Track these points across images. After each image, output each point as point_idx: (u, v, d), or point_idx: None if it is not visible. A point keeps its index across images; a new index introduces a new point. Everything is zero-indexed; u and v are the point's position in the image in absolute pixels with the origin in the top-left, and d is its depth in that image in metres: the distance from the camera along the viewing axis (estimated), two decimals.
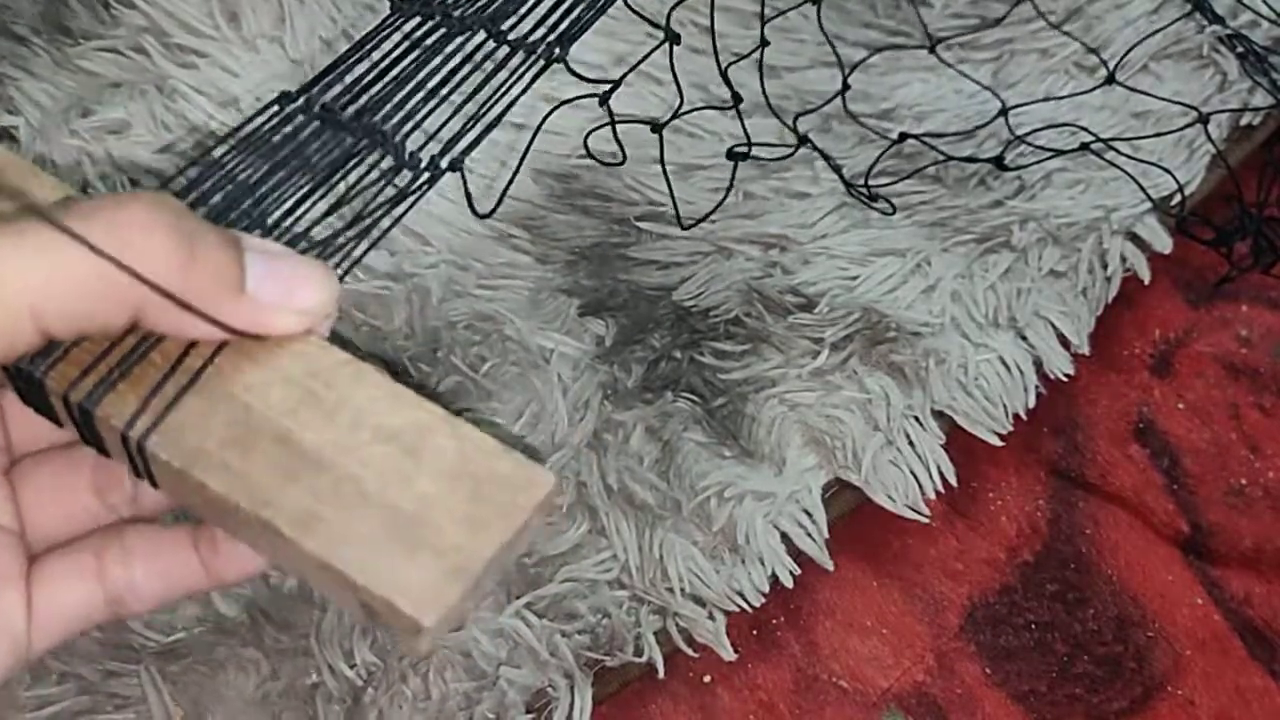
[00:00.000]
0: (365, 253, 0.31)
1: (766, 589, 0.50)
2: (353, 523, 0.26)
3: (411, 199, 0.33)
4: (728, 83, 0.57)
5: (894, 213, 0.58)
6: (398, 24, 0.38)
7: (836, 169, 0.59)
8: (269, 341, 0.28)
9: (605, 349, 0.54)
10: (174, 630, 0.47)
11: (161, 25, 0.59)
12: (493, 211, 0.38)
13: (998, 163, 0.59)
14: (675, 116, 0.56)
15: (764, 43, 0.58)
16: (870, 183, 0.59)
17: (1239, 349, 0.61)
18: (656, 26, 0.51)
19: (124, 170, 0.57)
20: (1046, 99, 0.62)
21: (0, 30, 0.61)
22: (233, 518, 0.27)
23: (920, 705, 0.51)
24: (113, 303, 0.26)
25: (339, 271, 0.30)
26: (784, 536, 0.51)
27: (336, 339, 0.30)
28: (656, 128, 0.56)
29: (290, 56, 0.60)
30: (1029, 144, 0.60)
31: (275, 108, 0.35)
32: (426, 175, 0.34)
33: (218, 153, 0.32)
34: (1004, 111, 0.61)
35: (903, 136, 0.60)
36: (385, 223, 0.32)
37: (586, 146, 0.58)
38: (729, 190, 0.58)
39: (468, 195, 0.35)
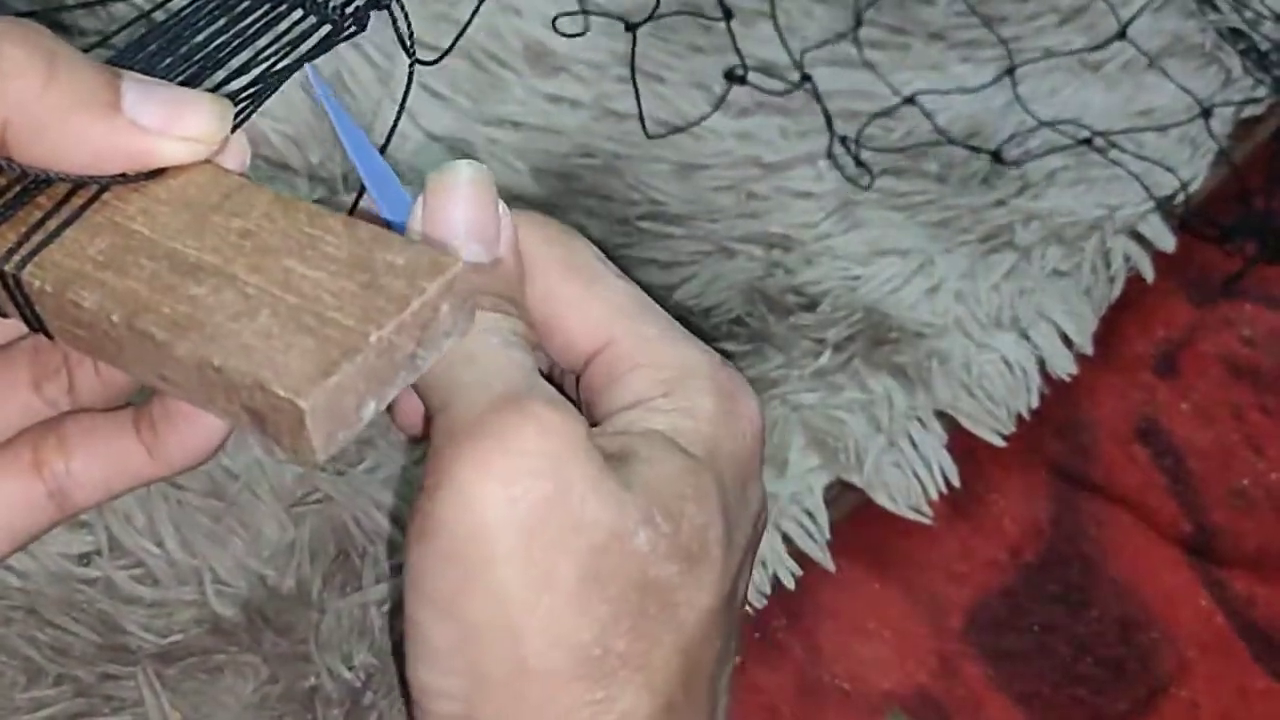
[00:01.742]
0: (264, 100, 0.30)
1: (768, 591, 0.50)
2: (231, 322, 0.25)
3: (326, 47, 0.32)
4: None
5: (870, 185, 0.58)
6: None
7: (828, 119, 0.59)
8: (167, 174, 0.27)
9: None
10: (171, 632, 0.47)
11: (156, 20, 0.59)
12: (437, 61, 0.36)
13: (995, 156, 0.59)
14: (650, 19, 0.56)
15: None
16: (871, 172, 0.59)
17: (1243, 349, 0.61)
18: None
19: None
20: (1048, 108, 0.62)
21: None
22: (111, 339, 0.26)
23: (923, 707, 0.51)
24: None
25: (237, 119, 0.28)
26: (785, 538, 0.51)
27: None
28: (630, 27, 0.55)
29: None
30: (1037, 120, 0.60)
31: None
32: (352, 27, 0.33)
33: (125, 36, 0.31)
34: (1010, 71, 0.60)
35: (909, 99, 0.60)
36: (288, 66, 0.31)
37: None
38: (719, 104, 0.58)
39: (400, 38, 0.34)
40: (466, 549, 0.26)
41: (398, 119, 0.35)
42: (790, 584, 0.50)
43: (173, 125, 0.27)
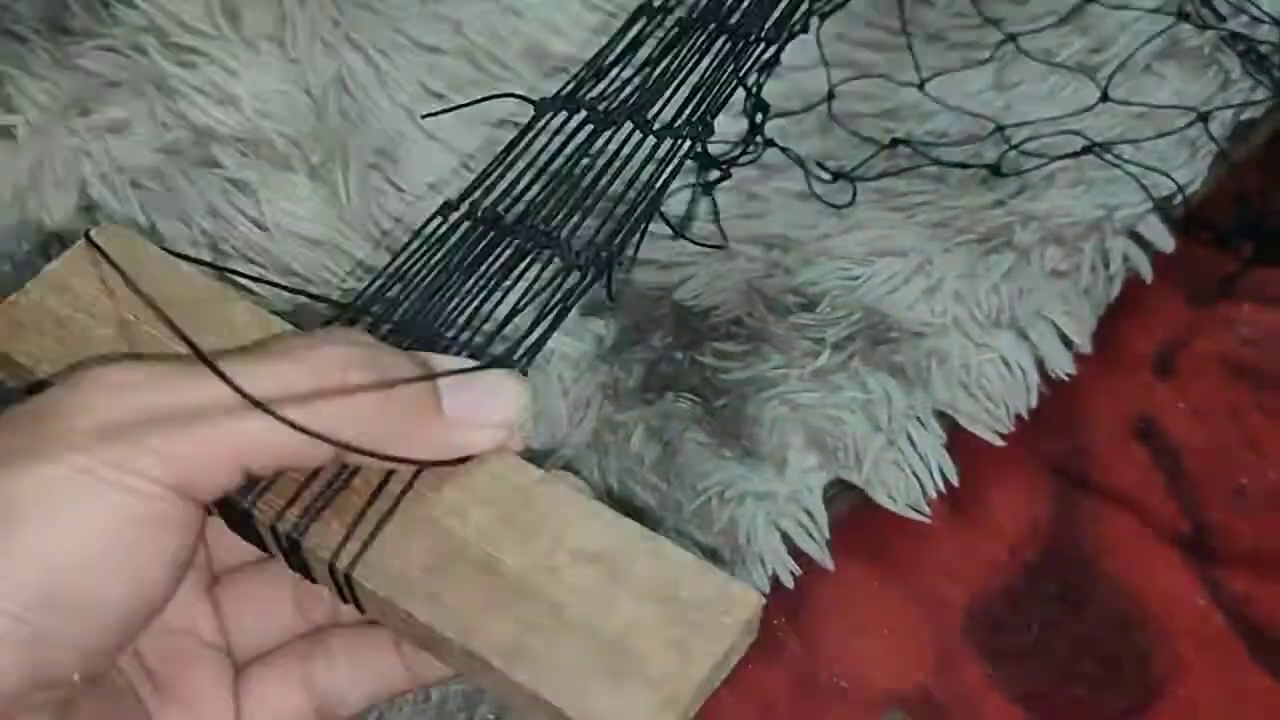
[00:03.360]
0: (536, 354, 0.32)
1: (767, 589, 0.50)
2: (559, 652, 0.26)
3: (578, 296, 0.34)
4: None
5: (852, 201, 0.58)
6: (545, 123, 0.39)
7: (799, 161, 0.59)
8: (470, 462, 0.29)
9: (606, 349, 0.54)
10: None
11: (161, 24, 0.59)
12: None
13: (995, 170, 0.59)
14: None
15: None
16: (869, 180, 0.59)
17: (1241, 349, 0.61)
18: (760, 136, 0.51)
19: (123, 170, 0.57)
20: (1049, 117, 0.62)
21: None
22: (440, 645, 0.27)
23: (921, 706, 0.51)
24: (317, 450, 0.26)
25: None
26: (785, 537, 0.51)
27: None
28: (720, 167, 0.56)
29: (290, 56, 0.60)
30: (1028, 154, 0.60)
31: (439, 218, 0.35)
32: (592, 271, 0.35)
33: (394, 264, 0.34)
34: (1000, 129, 0.60)
35: (895, 142, 0.60)
36: (552, 320, 0.33)
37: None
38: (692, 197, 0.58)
39: (609, 287, 0.36)
40: None
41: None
42: (789, 582, 0.50)
43: (483, 415, 0.29)
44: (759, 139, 0.59)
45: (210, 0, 0.60)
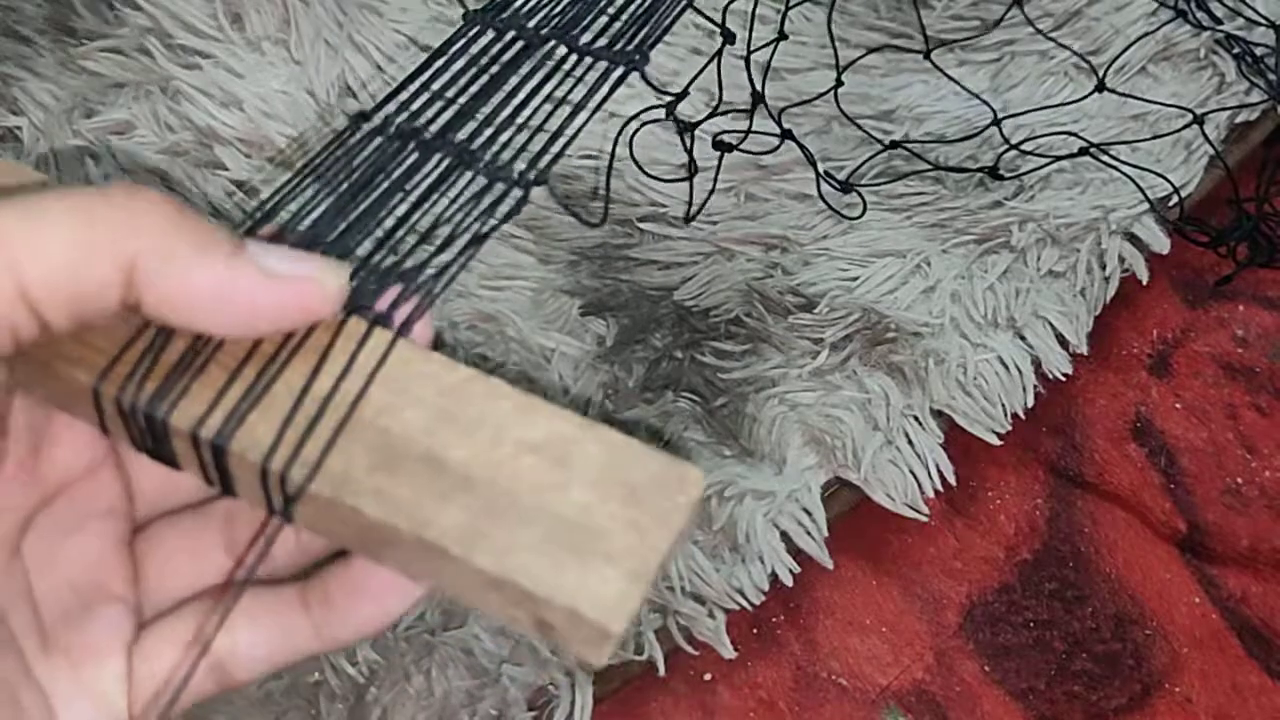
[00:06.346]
0: (459, 272, 0.30)
1: (766, 587, 0.50)
2: (517, 536, 0.25)
3: (504, 215, 0.32)
4: (751, 81, 0.57)
5: (863, 214, 0.58)
6: (472, 38, 0.37)
7: (812, 162, 0.59)
8: (395, 365, 0.28)
9: (606, 349, 0.55)
10: None
11: (165, 26, 0.60)
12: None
13: (992, 172, 0.59)
14: (703, 121, 0.56)
15: (781, 36, 0.58)
16: (866, 183, 0.59)
17: (1235, 349, 0.61)
18: (715, 25, 0.52)
19: (128, 170, 0.57)
20: (1044, 106, 0.62)
21: (4, 31, 0.61)
22: (389, 544, 0.26)
23: (919, 703, 0.51)
24: (101, 262, 0.24)
25: (437, 290, 0.29)
26: (784, 535, 0.51)
27: None
28: (685, 127, 0.56)
29: (294, 58, 0.60)
30: (1025, 152, 0.60)
31: (352, 130, 0.33)
32: (520, 193, 0.33)
33: (297, 180, 0.32)
34: (997, 122, 0.61)
35: (894, 144, 0.60)
36: (468, 240, 0.32)
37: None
38: (714, 182, 0.59)
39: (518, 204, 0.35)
40: None
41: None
42: (788, 580, 0.51)
43: (295, 269, 0.27)
44: (778, 131, 0.59)
45: (214, 2, 0.60)
